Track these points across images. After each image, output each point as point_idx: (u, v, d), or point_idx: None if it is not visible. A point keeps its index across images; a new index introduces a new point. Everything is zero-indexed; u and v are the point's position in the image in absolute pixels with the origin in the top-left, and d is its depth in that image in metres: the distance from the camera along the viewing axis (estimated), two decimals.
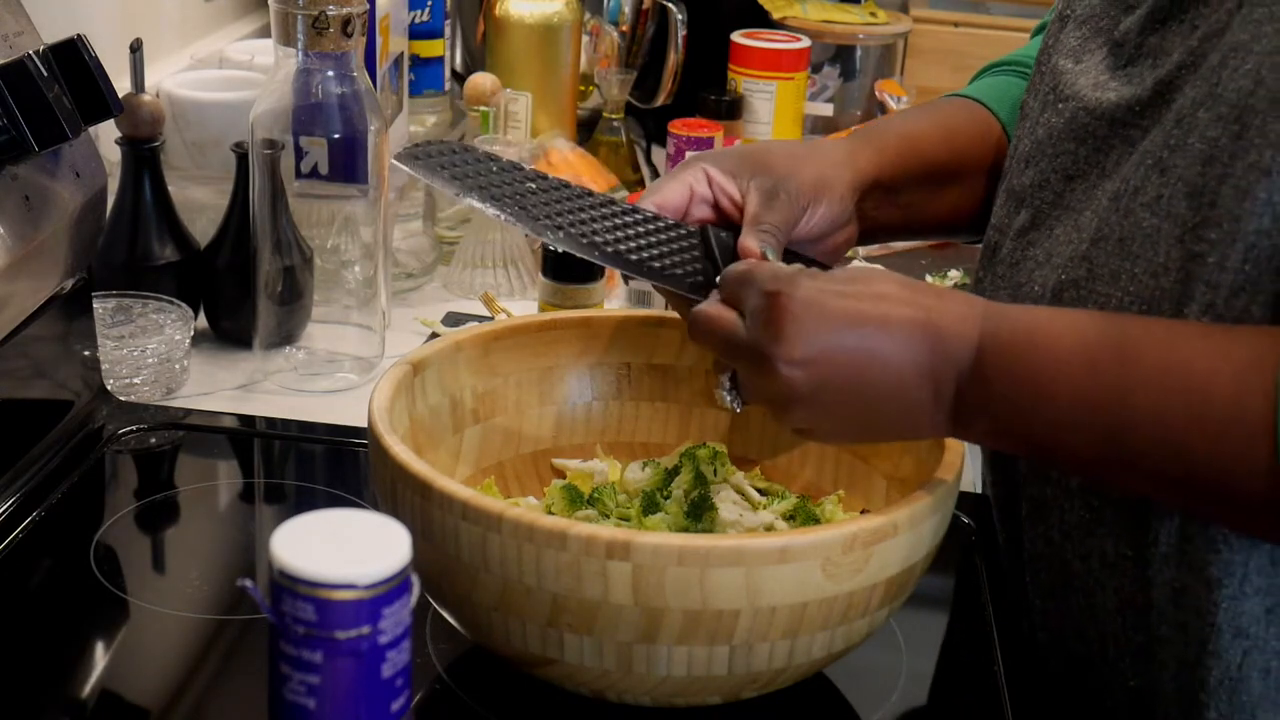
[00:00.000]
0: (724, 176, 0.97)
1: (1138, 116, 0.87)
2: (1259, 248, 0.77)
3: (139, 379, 1.23)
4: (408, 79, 1.56)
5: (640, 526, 0.94)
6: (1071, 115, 0.92)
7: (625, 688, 0.82)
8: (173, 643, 0.94)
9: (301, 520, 0.68)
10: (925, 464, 0.89)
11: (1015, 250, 0.95)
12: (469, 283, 1.49)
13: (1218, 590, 0.82)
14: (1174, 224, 0.81)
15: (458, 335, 0.99)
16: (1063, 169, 0.92)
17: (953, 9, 2.20)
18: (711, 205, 0.98)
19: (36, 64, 0.97)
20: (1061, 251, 0.90)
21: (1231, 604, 0.82)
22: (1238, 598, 0.82)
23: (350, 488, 1.12)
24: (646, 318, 1.04)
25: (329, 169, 1.25)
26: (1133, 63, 0.89)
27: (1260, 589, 0.82)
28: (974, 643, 0.99)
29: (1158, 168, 0.83)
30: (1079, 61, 0.94)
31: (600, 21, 1.78)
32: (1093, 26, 0.94)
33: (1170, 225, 0.81)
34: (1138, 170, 0.84)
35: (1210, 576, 0.82)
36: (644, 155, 1.79)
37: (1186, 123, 0.82)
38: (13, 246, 0.99)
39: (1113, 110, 0.89)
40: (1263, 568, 0.81)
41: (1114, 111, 0.89)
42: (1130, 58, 0.89)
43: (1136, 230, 0.83)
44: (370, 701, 0.67)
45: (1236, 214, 0.78)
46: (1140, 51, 0.89)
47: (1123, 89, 0.89)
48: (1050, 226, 0.92)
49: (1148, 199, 0.83)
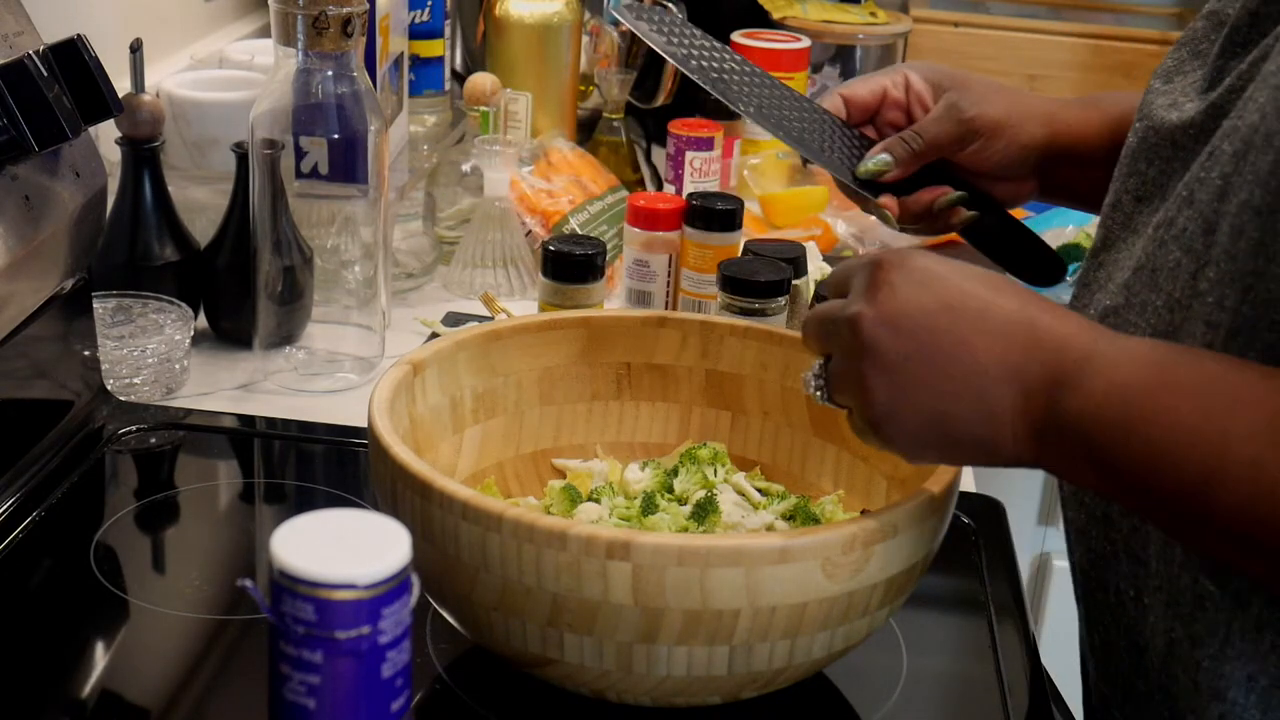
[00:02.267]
0: (924, 85, 1.02)
1: (1192, 140, 0.85)
2: (1256, 290, 0.74)
3: (139, 379, 1.23)
4: (408, 79, 1.56)
5: (640, 526, 0.94)
6: (1143, 135, 0.90)
7: (625, 688, 0.82)
8: (173, 643, 0.94)
9: (301, 520, 0.68)
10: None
11: (1087, 270, 0.93)
12: (469, 283, 1.49)
13: (1199, 648, 0.79)
14: (1191, 259, 0.79)
15: (458, 335, 0.99)
16: (1134, 190, 0.90)
17: (953, 9, 2.20)
18: (904, 111, 1.02)
19: (36, 64, 0.97)
20: (1115, 277, 0.88)
21: (1212, 664, 0.79)
22: (1218, 659, 0.78)
23: (350, 488, 1.13)
24: (646, 318, 1.04)
25: (329, 169, 1.25)
26: (1212, 86, 0.86)
27: (1243, 654, 0.78)
28: (974, 643, 0.99)
29: (1189, 200, 0.81)
30: (1169, 81, 0.91)
31: (600, 21, 1.78)
32: (1191, 49, 0.92)
33: (1188, 260, 0.79)
34: (1175, 200, 0.83)
35: (1195, 632, 0.79)
36: (644, 155, 1.79)
37: (1214, 154, 0.80)
38: (13, 246, 0.99)
39: (1173, 131, 0.86)
40: (1246, 632, 0.78)
41: (1174, 133, 0.86)
42: (1211, 81, 0.86)
43: (1164, 262, 0.82)
44: (370, 701, 0.67)
45: (1232, 253, 0.75)
46: (1219, 74, 0.86)
47: (1185, 109, 0.86)
48: (1117, 249, 0.90)
49: (1176, 230, 0.81)
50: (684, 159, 1.63)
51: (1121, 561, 0.85)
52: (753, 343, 1.03)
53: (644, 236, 1.35)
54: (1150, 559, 0.82)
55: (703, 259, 1.32)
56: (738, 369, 1.03)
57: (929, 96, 1.04)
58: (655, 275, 1.35)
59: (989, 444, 0.76)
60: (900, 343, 0.75)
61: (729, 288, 1.18)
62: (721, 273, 1.20)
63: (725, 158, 1.69)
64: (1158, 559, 0.82)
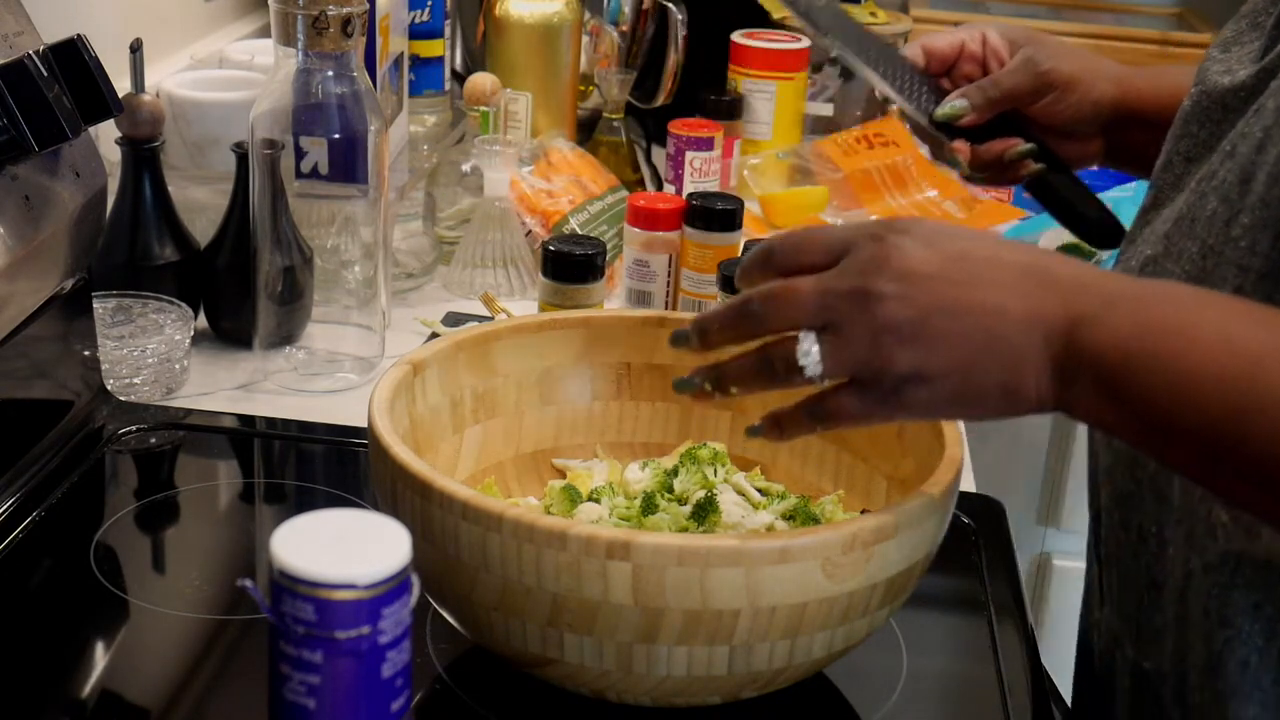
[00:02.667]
0: (1000, 41, 1.08)
1: (1241, 102, 0.87)
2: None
3: (139, 379, 1.23)
4: (408, 79, 1.56)
5: (640, 526, 0.94)
6: (1196, 99, 0.92)
7: (625, 688, 0.82)
8: (173, 643, 0.94)
9: (301, 520, 0.68)
10: (925, 464, 0.89)
11: (1134, 228, 0.95)
12: (469, 283, 1.49)
13: (1210, 575, 0.82)
14: (1226, 207, 0.81)
15: (458, 335, 0.99)
16: (1184, 151, 0.93)
17: (953, 9, 2.20)
18: (980, 64, 1.09)
19: (36, 64, 0.97)
20: (1158, 229, 0.90)
21: (1221, 592, 0.81)
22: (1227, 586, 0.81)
23: (350, 488, 1.12)
24: (646, 318, 1.04)
25: (329, 169, 1.25)
26: (1266, 54, 0.89)
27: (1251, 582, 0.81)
28: (974, 643, 0.99)
29: (1231, 154, 0.83)
30: (1227, 50, 0.94)
31: (600, 21, 1.78)
32: (1250, 20, 0.94)
33: (1224, 208, 0.82)
34: (1219, 154, 0.85)
35: (1208, 561, 0.82)
36: (644, 155, 1.79)
37: (1260, 110, 0.82)
38: (13, 246, 0.99)
39: (1224, 94, 0.89)
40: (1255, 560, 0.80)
41: (1225, 96, 0.89)
42: (1266, 50, 0.89)
43: (1202, 212, 0.84)
44: (370, 701, 0.67)
45: (1266, 200, 0.78)
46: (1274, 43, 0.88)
47: (1238, 75, 0.89)
48: (1162, 207, 0.93)
49: (1216, 182, 0.83)
50: (684, 159, 1.63)
51: (1146, 499, 0.86)
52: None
53: (644, 236, 1.35)
54: (1174, 494, 0.84)
55: (703, 259, 1.32)
56: None
57: (1005, 52, 1.09)
58: (655, 275, 1.35)
59: (1012, 390, 0.75)
60: (919, 300, 0.74)
61: (729, 288, 1.18)
62: (721, 273, 1.20)
63: (725, 158, 1.69)
64: (1181, 494, 0.84)
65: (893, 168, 1.81)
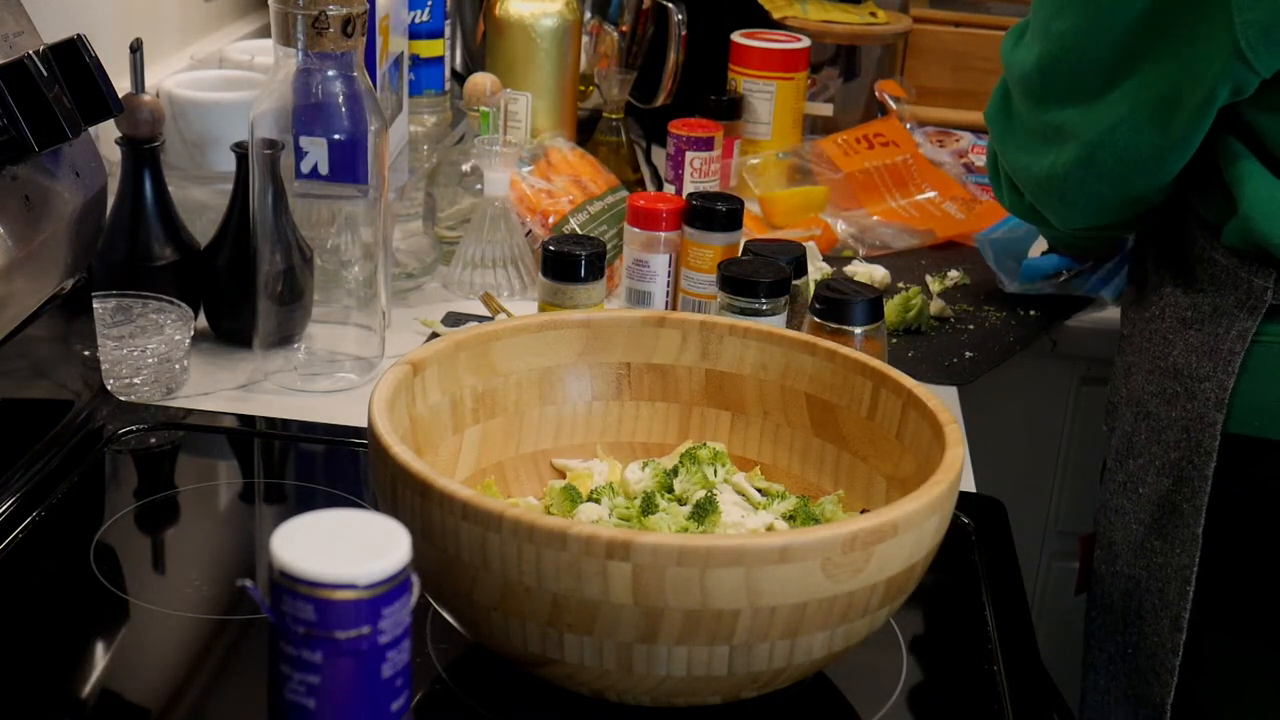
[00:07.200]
0: None
1: None
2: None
3: (139, 379, 1.23)
4: (408, 79, 1.56)
5: (640, 526, 0.94)
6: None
7: (625, 688, 0.82)
8: (173, 643, 0.94)
9: (301, 520, 0.68)
10: (925, 464, 0.89)
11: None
12: (469, 283, 1.49)
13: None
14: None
15: (458, 335, 0.99)
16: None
17: (953, 9, 2.20)
18: None
19: (36, 64, 0.97)
20: None
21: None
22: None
23: (350, 488, 1.13)
24: (646, 318, 1.04)
25: (329, 169, 1.25)
26: None
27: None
28: (974, 643, 0.99)
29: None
30: None
31: (600, 21, 1.78)
32: None
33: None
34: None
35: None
36: (644, 155, 1.79)
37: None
38: (13, 246, 0.99)
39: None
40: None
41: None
42: None
43: None
44: (370, 701, 0.67)
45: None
46: None
47: None
48: None
49: None
50: (684, 159, 1.63)
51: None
52: (753, 343, 1.03)
53: (644, 236, 1.35)
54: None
55: (703, 259, 1.32)
56: (738, 369, 1.03)
57: None
58: (655, 275, 1.35)
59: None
60: None
61: (729, 288, 1.18)
62: (721, 273, 1.20)
63: (725, 158, 1.69)
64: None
65: (893, 168, 1.81)
